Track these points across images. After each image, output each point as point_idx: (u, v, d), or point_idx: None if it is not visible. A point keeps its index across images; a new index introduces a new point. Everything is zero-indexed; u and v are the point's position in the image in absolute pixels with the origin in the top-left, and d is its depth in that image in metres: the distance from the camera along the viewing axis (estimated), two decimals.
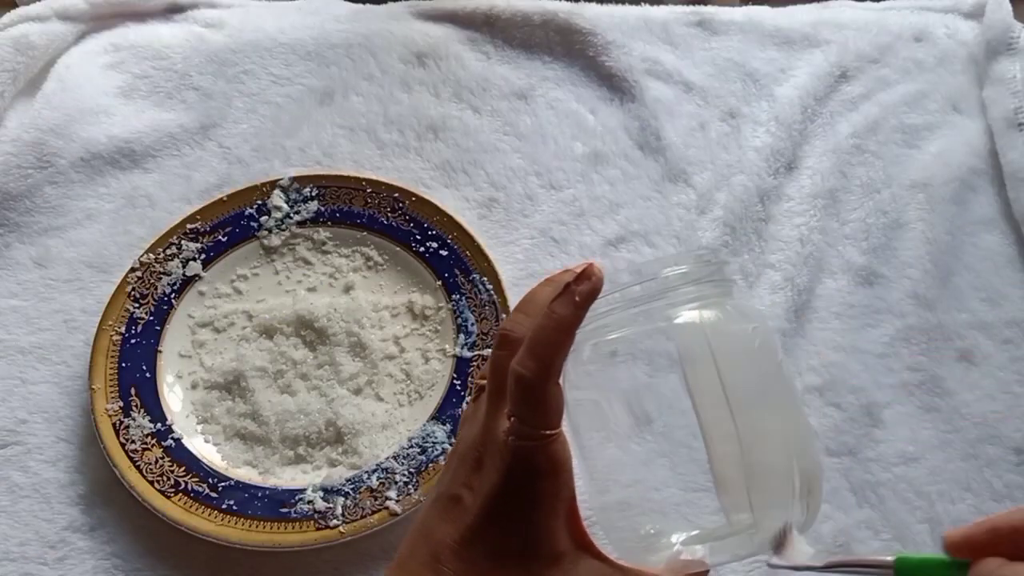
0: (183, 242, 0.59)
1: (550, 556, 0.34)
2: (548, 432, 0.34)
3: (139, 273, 0.58)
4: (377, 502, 0.50)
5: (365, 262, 0.60)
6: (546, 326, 0.34)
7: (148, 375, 0.55)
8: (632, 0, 0.75)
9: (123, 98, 0.68)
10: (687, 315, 0.41)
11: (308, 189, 0.61)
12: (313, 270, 0.60)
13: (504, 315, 0.56)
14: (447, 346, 0.57)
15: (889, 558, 0.31)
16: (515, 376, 0.34)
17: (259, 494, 0.51)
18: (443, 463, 0.51)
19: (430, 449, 0.52)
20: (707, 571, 0.37)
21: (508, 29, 0.72)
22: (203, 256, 0.59)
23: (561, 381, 0.35)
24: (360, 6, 0.75)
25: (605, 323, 0.40)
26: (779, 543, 0.36)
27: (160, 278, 0.58)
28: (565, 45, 0.71)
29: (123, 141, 0.65)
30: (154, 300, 0.57)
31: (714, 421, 0.40)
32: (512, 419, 0.34)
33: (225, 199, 0.61)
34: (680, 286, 0.41)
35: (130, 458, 0.51)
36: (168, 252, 0.59)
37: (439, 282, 0.58)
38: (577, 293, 0.35)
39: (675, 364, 0.46)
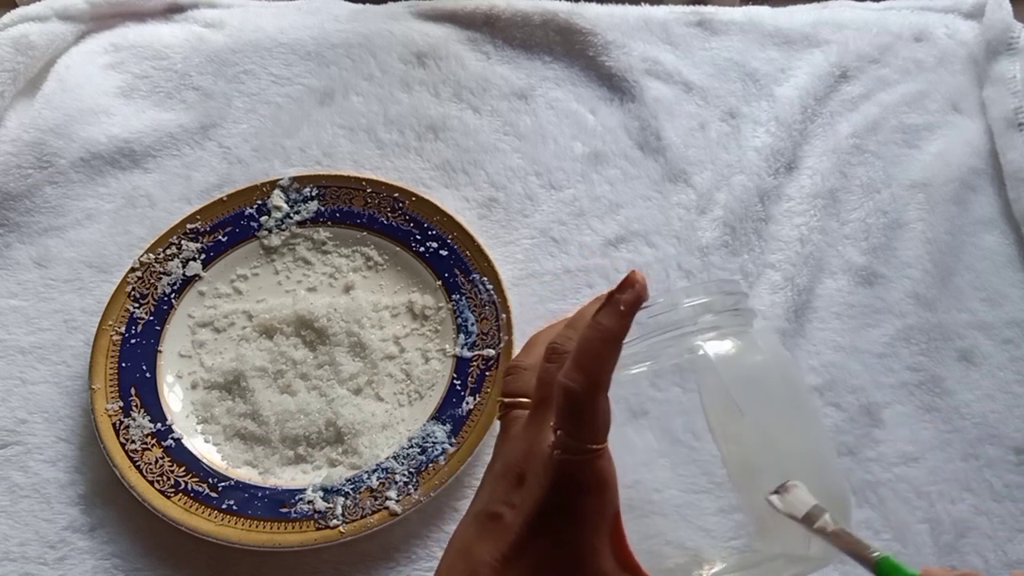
0: (183, 242, 0.59)
1: (594, 575, 0.34)
2: (594, 447, 0.33)
3: (139, 273, 0.58)
4: (377, 502, 0.50)
5: (365, 262, 0.60)
6: (591, 337, 0.34)
7: (148, 375, 0.55)
8: (632, 0, 0.75)
9: (123, 98, 0.68)
10: (707, 347, 0.41)
11: (308, 189, 0.61)
12: (313, 270, 0.60)
13: (504, 315, 0.56)
14: (447, 346, 0.57)
15: (875, 553, 0.31)
16: (563, 389, 0.33)
17: (259, 494, 0.51)
18: (443, 463, 0.51)
19: (430, 449, 0.52)
20: None
21: (508, 29, 0.72)
22: (203, 256, 0.59)
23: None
24: (360, 6, 0.75)
25: (625, 352, 0.40)
26: (782, 496, 0.35)
27: (160, 278, 0.58)
28: (565, 45, 0.71)
29: (123, 141, 0.65)
30: (154, 300, 0.57)
31: (733, 451, 0.40)
32: (558, 433, 0.33)
33: (225, 199, 0.61)
34: (699, 316, 0.41)
35: (130, 458, 0.51)
36: (168, 252, 0.59)
37: (439, 282, 0.58)
38: (621, 302, 0.34)
39: (679, 374, 0.46)
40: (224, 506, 0.50)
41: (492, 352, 0.55)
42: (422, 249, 0.59)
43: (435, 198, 0.61)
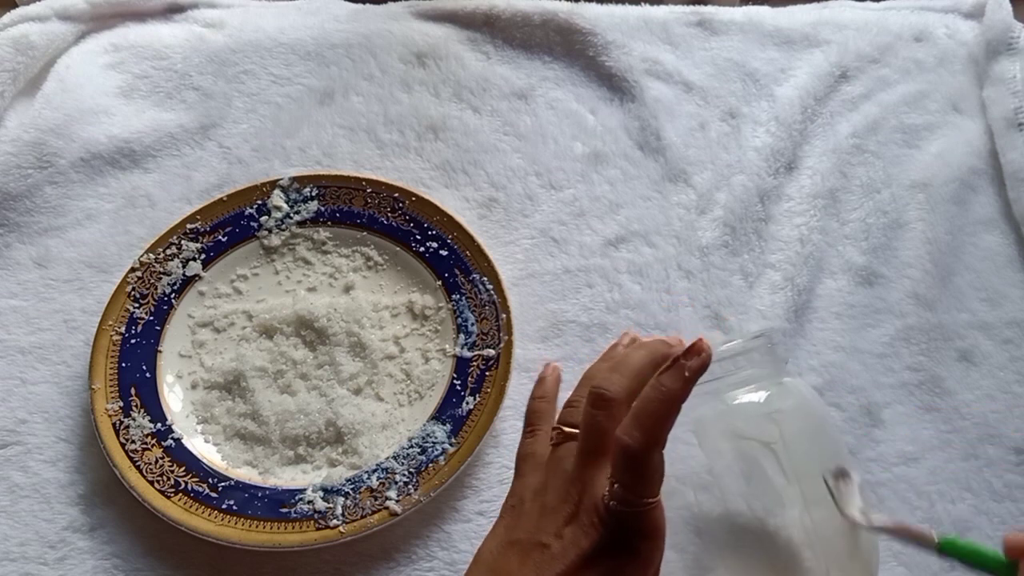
0: (183, 242, 0.59)
1: None
2: (649, 500, 0.35)
3: (139, 273, 0.58)
4: (377, 502, 0.50)
5: (365, 262, 0.60)
6: (653, 398, 0.35)
7: (148, 375, 0.55)
8: (632, 0, 0.75)
9: (123, 98, 0.68)
10: (745, 397, 0.44)
11: (308, 189, 0.61)
12: (313, 270, 0.60)
13: (504, 315, 0.56)
14: (447, 346, 0.57)
15: (934, 534, 0.32)
16: (622, 446, 0.35)
17: (259, 494, 0.51)
18: (443, 463, 0.51)
19: (430, 449, 0.52)
20: None
21: (508, 29, 0.72)
22: (203, 256, 0.59)
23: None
24: (360, 6, 0.75)
25: None
26: (837, 483, 0.38)
27: (160, 278, 0.58)
28: (565, 45, 0.71)
29: (123, 141, 0.65)
30: (154, 300, 0.57)
31: (774, 494, 0.42)
32: (616, 486, 0.35)
33: (225, 199, 0.61)
34: (736, 369, 0.43)
35: (130, 458, 0.51)
36: (168, 252, 0.59)
37: (439, 282, 0.58)
38: (687, 368, 0.35)
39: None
40: (224, 506, 0.50)
41: (492, 352, 0.55)
42: (422, 249, 0.59)
43: (435, 198, 0.61)
